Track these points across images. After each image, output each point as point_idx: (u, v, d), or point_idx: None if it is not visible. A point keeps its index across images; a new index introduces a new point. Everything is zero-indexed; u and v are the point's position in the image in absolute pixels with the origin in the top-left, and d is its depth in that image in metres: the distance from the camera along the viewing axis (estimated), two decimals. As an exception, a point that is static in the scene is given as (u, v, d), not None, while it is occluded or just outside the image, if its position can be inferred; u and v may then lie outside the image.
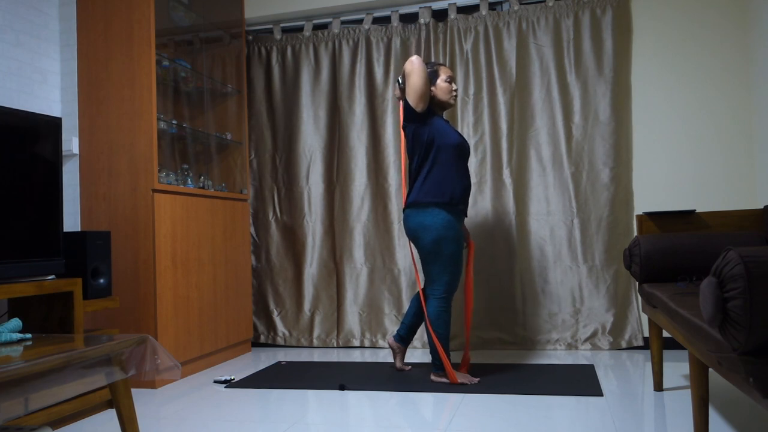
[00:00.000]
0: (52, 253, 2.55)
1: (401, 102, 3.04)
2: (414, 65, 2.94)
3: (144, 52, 3.15)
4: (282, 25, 4.29)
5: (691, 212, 2.95)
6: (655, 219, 2.99)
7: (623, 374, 3.04)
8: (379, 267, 4.04)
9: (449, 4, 3.96)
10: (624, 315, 3.67)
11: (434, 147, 2.95)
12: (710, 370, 3.08)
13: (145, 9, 3.16)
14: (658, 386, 2.70)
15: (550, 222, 3.78)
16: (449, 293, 2.96)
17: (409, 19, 4.12)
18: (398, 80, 3.09)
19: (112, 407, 2.70)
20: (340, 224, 4.12)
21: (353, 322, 4.07)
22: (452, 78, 3.08)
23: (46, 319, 2.57)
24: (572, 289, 3.73)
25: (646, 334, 3.64)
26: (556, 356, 3.53)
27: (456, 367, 3.14)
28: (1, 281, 2.35)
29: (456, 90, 3.10)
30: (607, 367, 3.22)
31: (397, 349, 3.24)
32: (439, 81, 3.05)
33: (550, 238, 3.78)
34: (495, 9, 3.97)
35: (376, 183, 4.08)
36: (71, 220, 3.22)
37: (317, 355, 3.82)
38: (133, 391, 3.06)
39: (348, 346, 4.06)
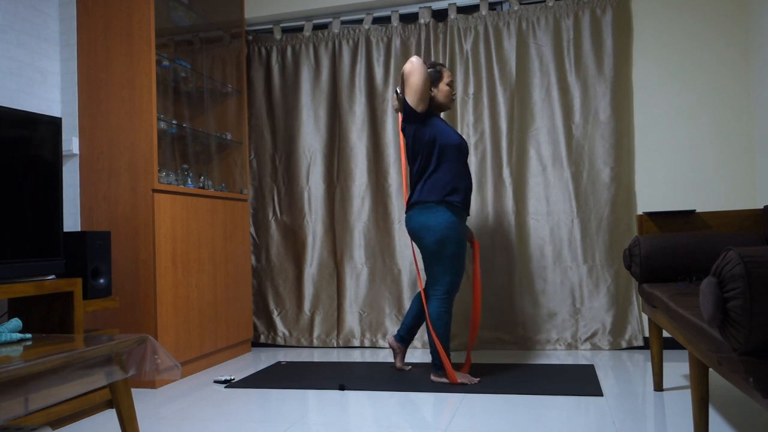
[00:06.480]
0: (52, 253, 2.55)
1: (400, 114, 3.05)
2: (414, 65, 2.94)
3: (144, 52, 3.15)
4: (282, 25, 4.29)
5: (691, 212, 2.95)
6: (655, 219, 2.99)
7: (623, 374, 3.04)
8: (380, 267, 4.04)
9: (449, 4, 3.96)
10: (624, 315, 3.67)
11: (437, 147, 2.96)
12: (710, 370, 3.08)
13: (145, 9, 3.16)
14: (658, 386, 2.70)
15: (550, 222, 3.78)
16: (451, 293, 2.96)
17: (409, 19, 4.11)
18: (396, 90, 3.08)
19: (112, 407, 2.70)
20: (340, 224, 4.12)
21: (353, 322, 4.07)
22: (452, 82, 3.11)
23: (46, 319, 2.57)
24: (572, 288, 3.73)
25: (646, 334, 3.64)
26: (556, 356, 3.53)
27: (456, 367, 3.14)
28: (1, 281, 2.35)
29: (455, 94, 3.14)
30: (607, 367, 3.22)
31: (398, 349, 3.24)
32: (441, 84, 3.06)
33: (550, 238, 3.78)
34: (495, 9, 3.97)
35: (377, 183, 4.08)
36: (71, 221, 3.22)
37: (317, 355, 3.82)
38: (133, 391, 3.06)
39: (348, 346, 4.06)
